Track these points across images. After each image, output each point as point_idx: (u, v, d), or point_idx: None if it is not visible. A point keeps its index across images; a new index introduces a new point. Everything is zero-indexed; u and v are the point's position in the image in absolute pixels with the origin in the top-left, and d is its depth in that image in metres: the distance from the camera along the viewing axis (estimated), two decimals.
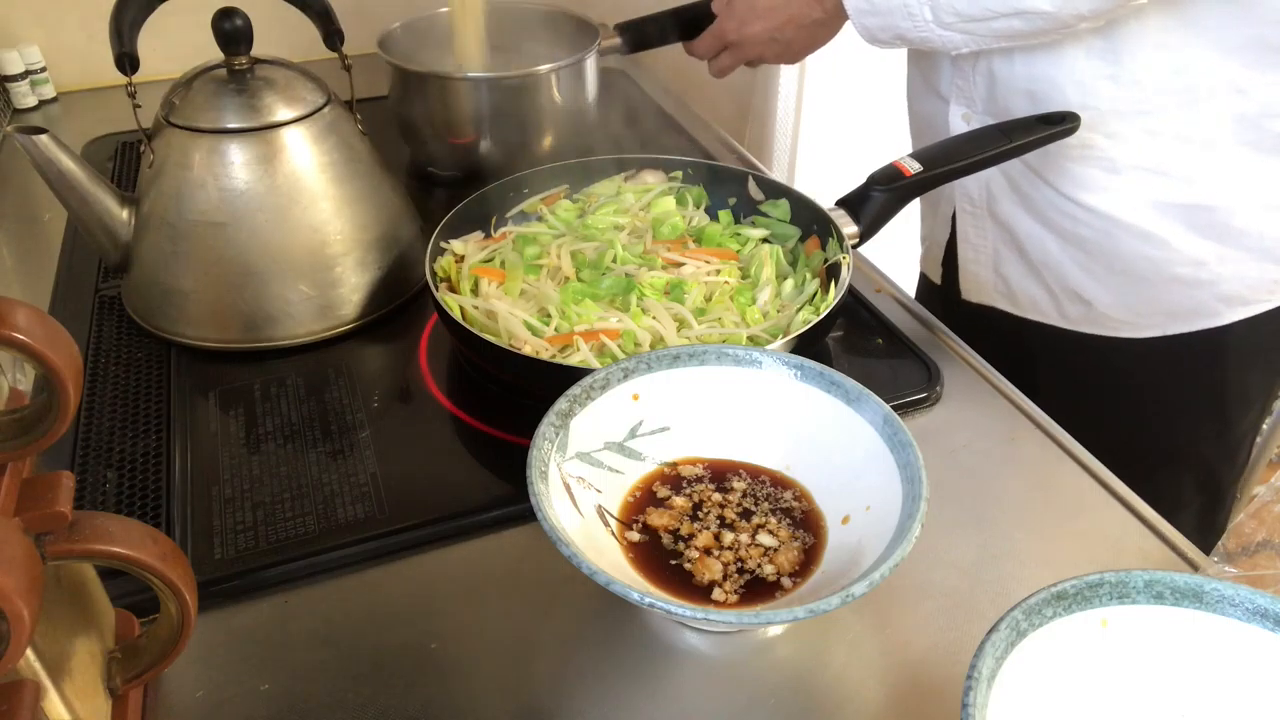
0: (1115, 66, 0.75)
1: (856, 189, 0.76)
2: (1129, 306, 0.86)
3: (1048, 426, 0.70)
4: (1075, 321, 0.89)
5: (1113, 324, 0.87)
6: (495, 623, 0.55)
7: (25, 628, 0.34)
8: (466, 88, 0.96)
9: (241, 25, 0.73)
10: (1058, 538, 0.62)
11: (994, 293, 0.94)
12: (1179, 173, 0.78)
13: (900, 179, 0.74)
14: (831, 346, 0.77)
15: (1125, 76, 0.75)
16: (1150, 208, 0.80)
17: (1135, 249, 0.82)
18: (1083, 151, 0.79)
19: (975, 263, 0.94)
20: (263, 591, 0.57)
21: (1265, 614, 0.43)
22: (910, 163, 0.74)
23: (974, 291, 0.96)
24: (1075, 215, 0.83)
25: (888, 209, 0.75)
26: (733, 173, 0.87)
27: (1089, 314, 0.88)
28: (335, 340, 0.77)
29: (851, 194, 0.77)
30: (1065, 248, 0.85)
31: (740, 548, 0.54)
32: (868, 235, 0.76)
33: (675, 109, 1.21)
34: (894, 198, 0.75)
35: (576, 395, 0.56)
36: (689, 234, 0.81)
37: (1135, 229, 0.81)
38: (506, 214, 0.84)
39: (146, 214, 0.75)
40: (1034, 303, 0.91)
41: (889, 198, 0.75)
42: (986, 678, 0.40)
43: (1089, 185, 0.81)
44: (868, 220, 0.75)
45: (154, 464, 0.65)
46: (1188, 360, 0.87)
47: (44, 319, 0.38)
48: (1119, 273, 0.84)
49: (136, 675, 0.47)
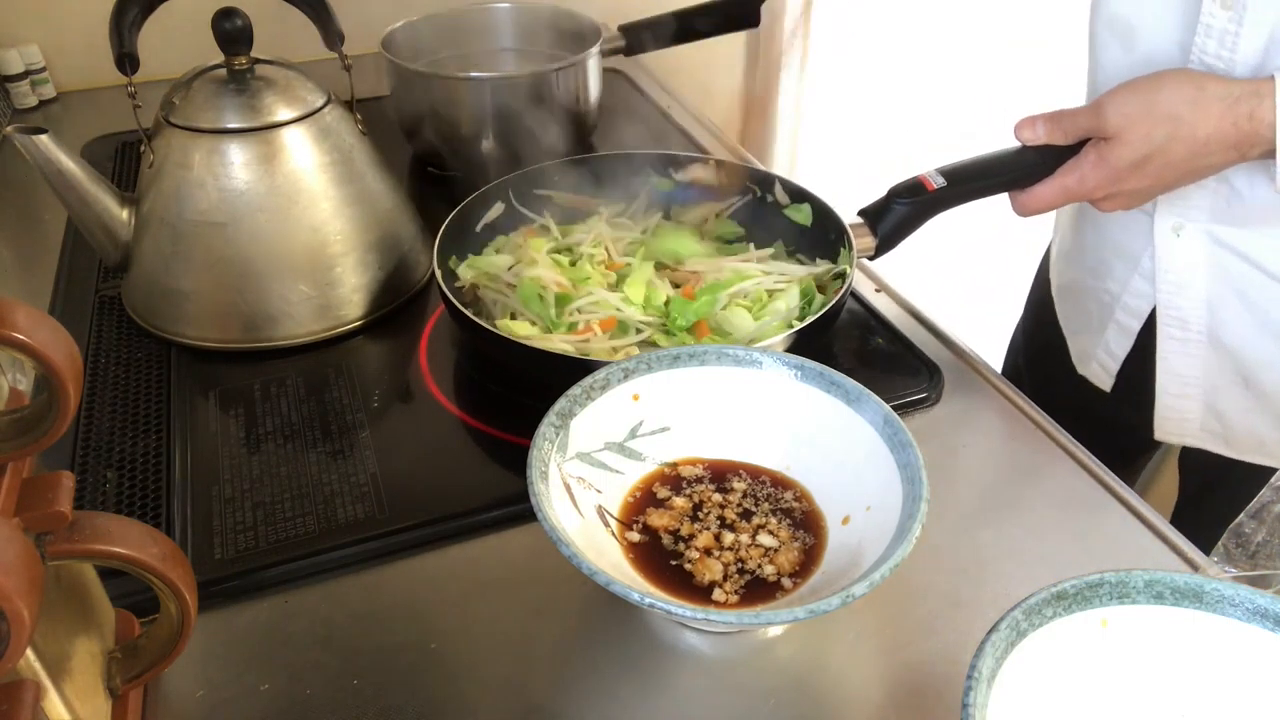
0: None
1: (877, 201, 0.74)
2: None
3: (1048, 426, 0.70)
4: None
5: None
6: (495, 623, 0.55)
7: (25, 628, 0.34)
8: (468, 88, 0.96)
9: (241, 25, 0.73)
10: (1058, 538, 0.61)
11: (1201, 433, 0.80)
12: None
13: (923, 193, 0.71)
14: (831, 346, 0.77)
15: None
16: None
17: None
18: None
19: (1181, 398, 0.79)
20: (263, 591, 0.57)
21: (1265, 614, 0.43)
22: (935, 177, 0.71)
23: (1174, 432, 0.81)
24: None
25: (908, 223, 0.73)
26: (759, 174, 0.85)
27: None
28: (335, 340, 0.77)
29: (872, 205, 0.75)
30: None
31: (740, 548, 0.54)
32: (885, 248, 0.74)
33: (676, 109, 1.21)
34: (915, 211, 0.72)
35: (576, 395, 0.56)
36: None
37: None
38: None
39: (146, 214, 0.75)
40: (1259, 444, 0.78)
41: (910, 211, 0.72)
42: (986, 678, 0.40)
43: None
44: (886, 233, 0.74)
45: (154, 464, 0.65)
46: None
47: (44, 319, 0.38)
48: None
49: (136, 675, 0.47)
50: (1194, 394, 0.78)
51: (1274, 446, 0.77)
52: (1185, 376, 0.78)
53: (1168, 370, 0.79)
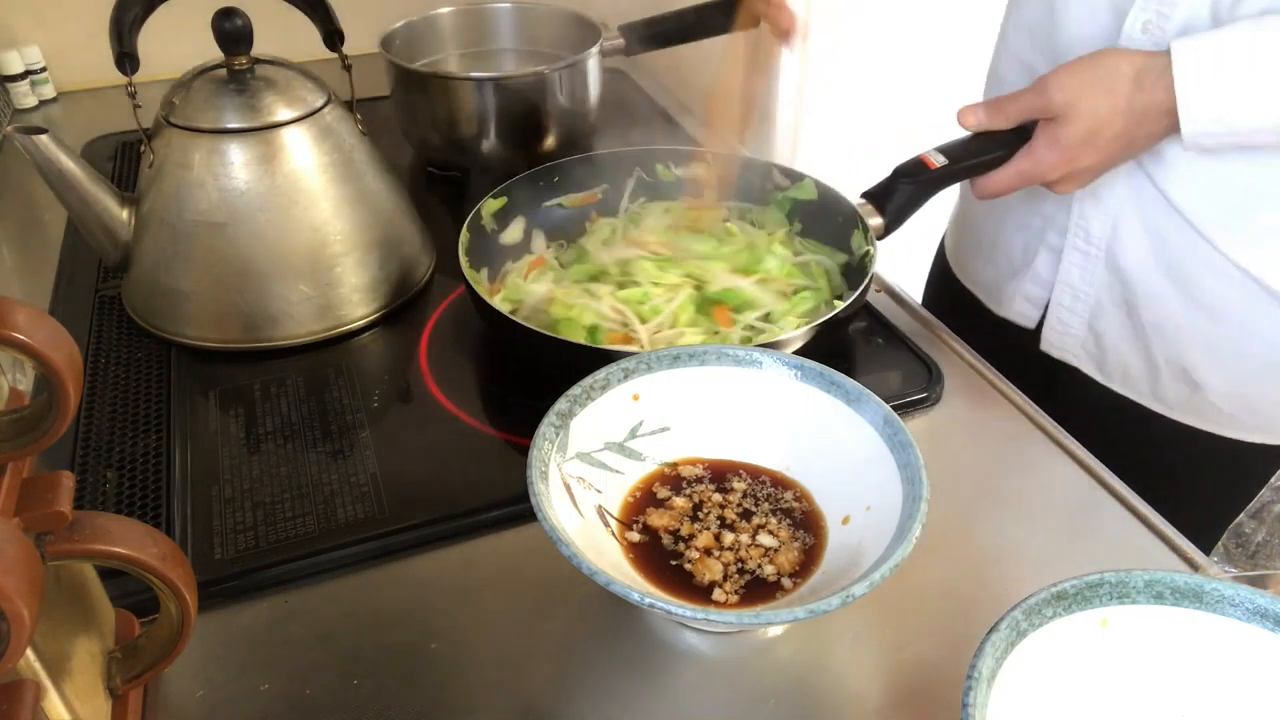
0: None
1: (882, 182, 0.76)
2: (1246, 401, 0.75)
3: (1047, 427, 0.70)
4: (1170, 405, 0.78)
5: (1219, 419, 0.76)
6: (495, 623, 0.55)
7: (25, 628, 0.34)
8: (468, 88, 0.96)
9: (241, 25, 0.73)
10: (1058, 538, 0.62)
11: (1079, 350, 0.83)
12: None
13: (925, 171, 0.73)
14: (831, 346, 0.77)
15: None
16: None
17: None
18: (1260, 198, 0.69)
19: (1069, 310, 0.82)
20: (263, 591, 0.57)
21: (1265, 614, 0.43)
22: (936, 156, 0.73)
23: (1056, 345, 0.84)
24: (1224, 272, 0.71)
25: (913, 201, 0.75)
26: (755, 164, 0.87)
27: (1191, 400, 0.77)
28: (335, 340, 0.77)
29: (877, 187, 0.77)
30: (1193, 312, 0.73)
31: (740, 548, 0.54)
32: (892, 228, 0.76)
33: (676, 109, 1.21)
34: (919, 190, 0.74)
35: (577, 395, 0.56)
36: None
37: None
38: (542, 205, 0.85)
39: (146, 214, 0.75)
40: (1125, 373, 0.80)
41: (914, 190, 0.74)
42: (986, 678, 0.40)
43: (1251, 240, 0.70)
44: (892, 213, 0.75)
45: (154, 464, 0.65)
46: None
47: (44, 319, 0.38)
48: (1253, 357, 0.73)
49: (136, 675, 0.47)
50: (1081, 310, 0.81)
51: (1138, 378, 0.80)
52: (1077, 290, 0.81)
53: (1064, 282, 0.81)
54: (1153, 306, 0.76)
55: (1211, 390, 0.76)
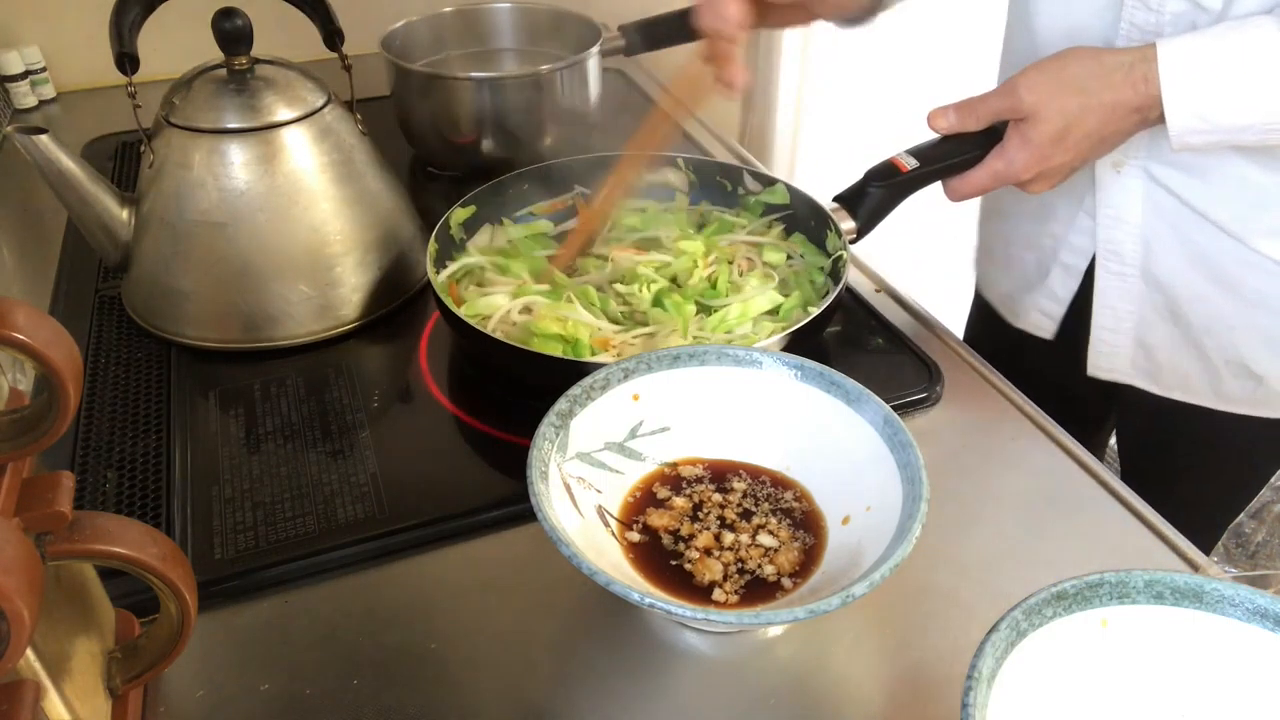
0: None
1: (853, 185, 0.77)
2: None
3: (1047, 427, 0.70)
4: (1233, 401, 0.79)
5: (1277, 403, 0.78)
6: (495, 623, 0.55)
7: (25, 628, 0.34)
8: (468, 88, 0.96)
9: (241, 25, 0.73)
10: (1058, 538, 0.62)
11: (1130, 368, 0.83)
12: None
13: (897, 175, 0.74)
14: (831, 346, 0.77)
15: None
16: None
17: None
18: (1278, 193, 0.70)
19: (1113, 331, 0.81)
20: (263, 591, 0.57)
21: (1265, 614, 0.43)
22: (907, 159, 0.74)
23: (1104, 366, 0.84)
24: (1267, 269, 0.72)
25: (884, 205, 0.75)
26: (728, 168, 0.87)
27: (1256, 393, 0.78)
28: (335, 340, 0.77)
29: (848, 190, 0.77)
30: (1242, 311, 0.74)
31: (740, 548, 0.54)
32: (864, 231, 0.76)
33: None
34: (891, 194, 0.75)
35: (576, 395, 0.56)
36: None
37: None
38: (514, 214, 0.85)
39: (146, 214, 0.75)
40: (1184, 380, 0.80)
41: (886, 194, 0.75)
42: (986, 678, 0.40)
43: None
44: (865, 216, 0.76)
45: (154, 464, 0.65)
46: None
47: (44, 319, 0.38)
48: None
49: (136, 675, 0.47)
50: (1126, 329, 0.81)
51: (1197, 383, 0.80)
52: (1119, 310, 0.81)
53: (1104, 305, 0.81)
54: (1199, 311, 0.76)
55: (1274, 379, 0.77)
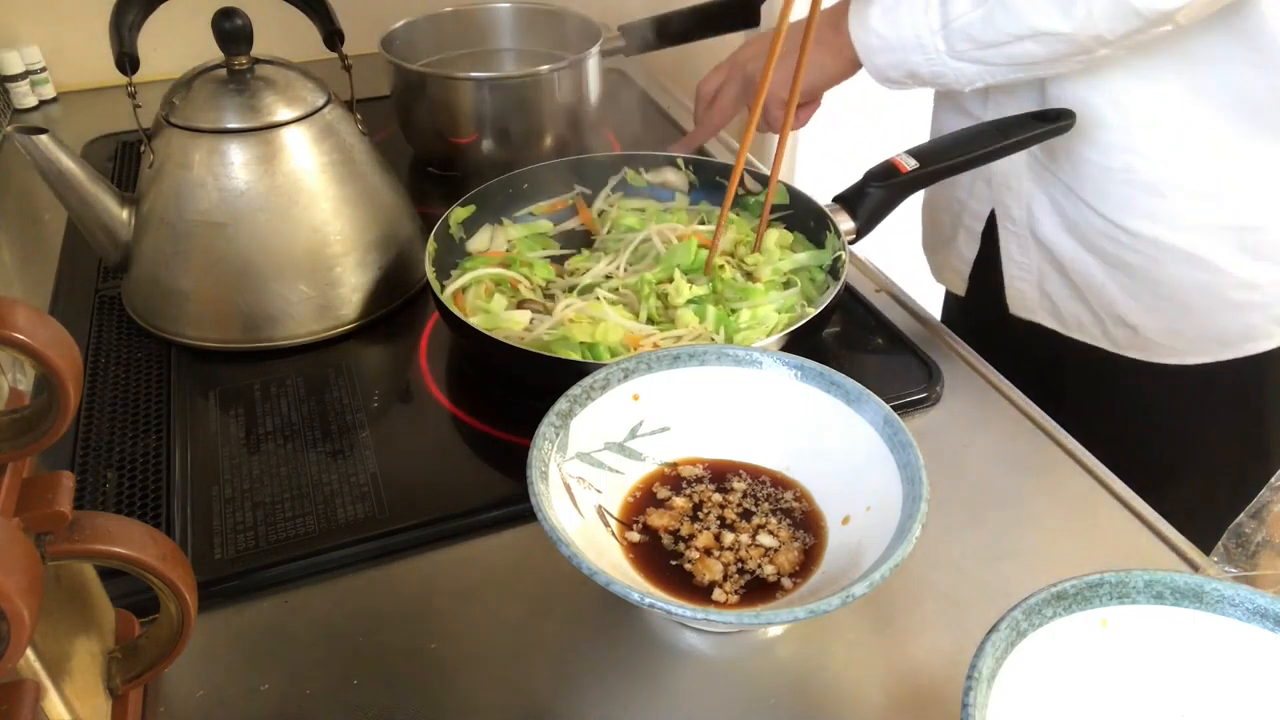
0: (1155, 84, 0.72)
1: (853, 185, 0.77)
2: (1177, 333, 0.83)
3: (1048, 426, 0.70)
4: (1122, 346, 0.87)
5: (1160, 350, 0.85)
6: (495, 623, 0.55)
7: (25, 628, 0.34)
8: (468, 88, 0.96)
9: (241, 25, 0.73)
10: (1058, 538, 0.62)
11: (1040, 310, 0.91)
12: (1229, 194, 0.75)
13: (896, 175, 0.74)
14: (831, 346, 0.77)
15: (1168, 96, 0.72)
16: (1199, 232, 0.77)
17: (1184, 275, 0.79)
18: (1126, 175, 0.77)
19: (1021, 280, 0.91)
20: (263, 591, 0.57)
21: (1265, 614, 0.43)
22: (906, 159, 0.74)
23: (1021, 307, 0.93)
24: (1120, 240, 0.80)
25: (884, 205, 0.76)
26: (728, 168, 0.86)
27: (1135, 339, 0.85)
28: (335, 340, 0.77)
29: (848, 190, 0.77)
30: (1110, 273, 0.83)
31: (740, 548, 0.54)
32: (864, 231, 0.76)
33: (675, 109, 1.21)
34: (890, 194, 0.75)
35: (576, 395, 0.56)
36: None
37: (1184, 254, 0.78)
38: (514, 214, 0.84)
39: (146, 214, 0.75)
40: (1080, 324, 0.88)
41: (885, 194, 0.75)
42: (986, 678, 0.40)
43: (1134, 210, 0.79)
44: (864, 216, 0.76)
45: (154, 464, 0.65)
46: (1232, 386, 0.85)
47: (44, 319, 0.38)
48: (1166, 299, 0.81)
49: (136, 675, 0.47)
50: (1029, 278, 0.91)
51: (1091, 327, 0.88)
52: (1019, 261, 0.90)
53: (1007, 256, 0.91)
54: (1078, 271, 0.85)
55: (1147, 329, 0.84)
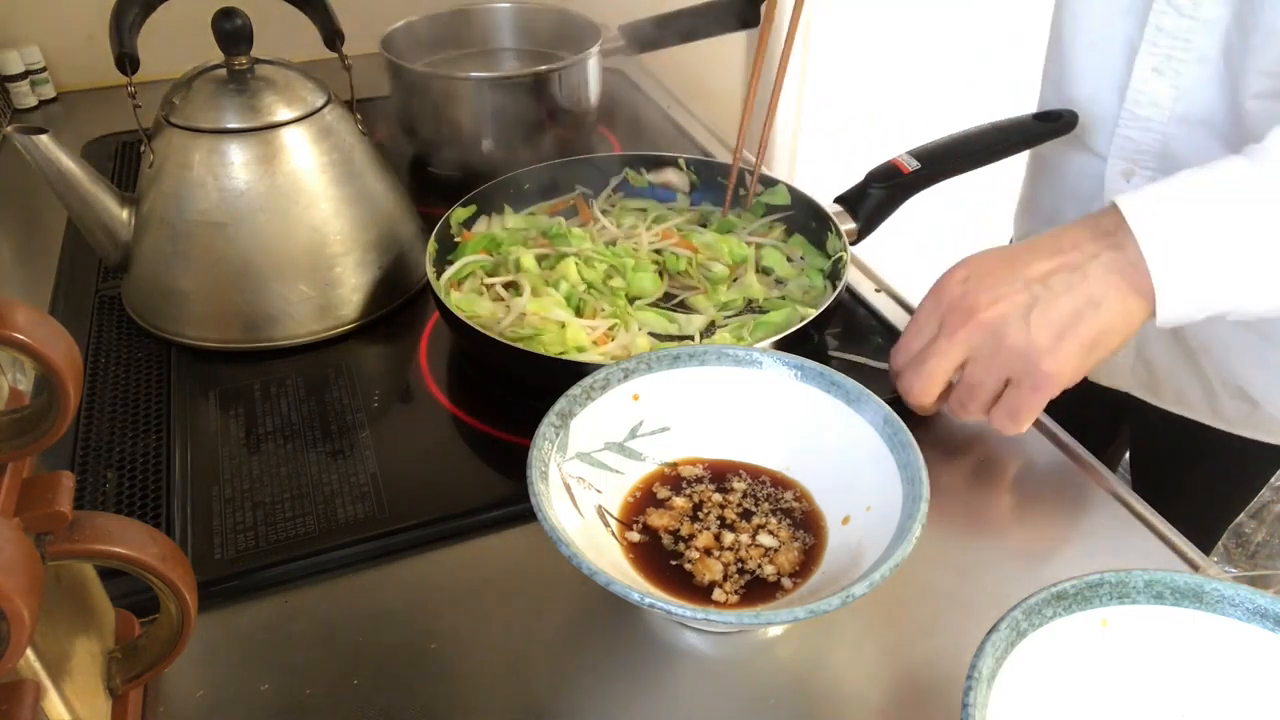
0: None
1: (854, 186, 0.77)
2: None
3: (1048, 426, 0.70)
4: (1229, 421, 0.79)
5: (1277, 430, 0.78)
6: (495, 622, 0.55)
7: (25, 628, 0.34)
8: (468, 88, 0.96)
9: (241, 25, 0.73)
10: (1058, 538, 0.61)
11: (1131, 379, 0.83)
12: None
13: (898, 176, 0.74)
14: (831, 346, 0.77)
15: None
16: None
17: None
18: None
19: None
20: (263, 591, 0.57)
21: (1265, 614, 0.43)
22: (908, 160, 0.74)
23: (1105, 374, 0.85)
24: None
25: (885, 206, 0.76)
26: (728, 169, 0.86)
27: (1251, 416, 0.77)
28: (335, 340, 0.77)
29: (849, 191, 0.77)
30: (1240, 334, 0.74)
31: (740, 548, 0.54)
32: (865, 232, 0.76)
33: (675, 109, 1.21)
34: (892, 195, 0.75)
35: (576, 395, 0.56)
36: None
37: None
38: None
39: (146, 214, 0.75)
40: (1180, 395, 0.80)
41: (887, 195, 0.75)
42: (986, 678, 0.40)
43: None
44: (865, 217, 0.76)
45: (154, 464, 0.65)
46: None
47: (44, 319, 0.38)
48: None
49: (136, 675, 0.47)
50: (1129, 342, 0.76)
51: (1194, 399, 0.80)
52: None
53: None
54: (1199, 332, 0.76)
55: (1269, 403, 0.76)
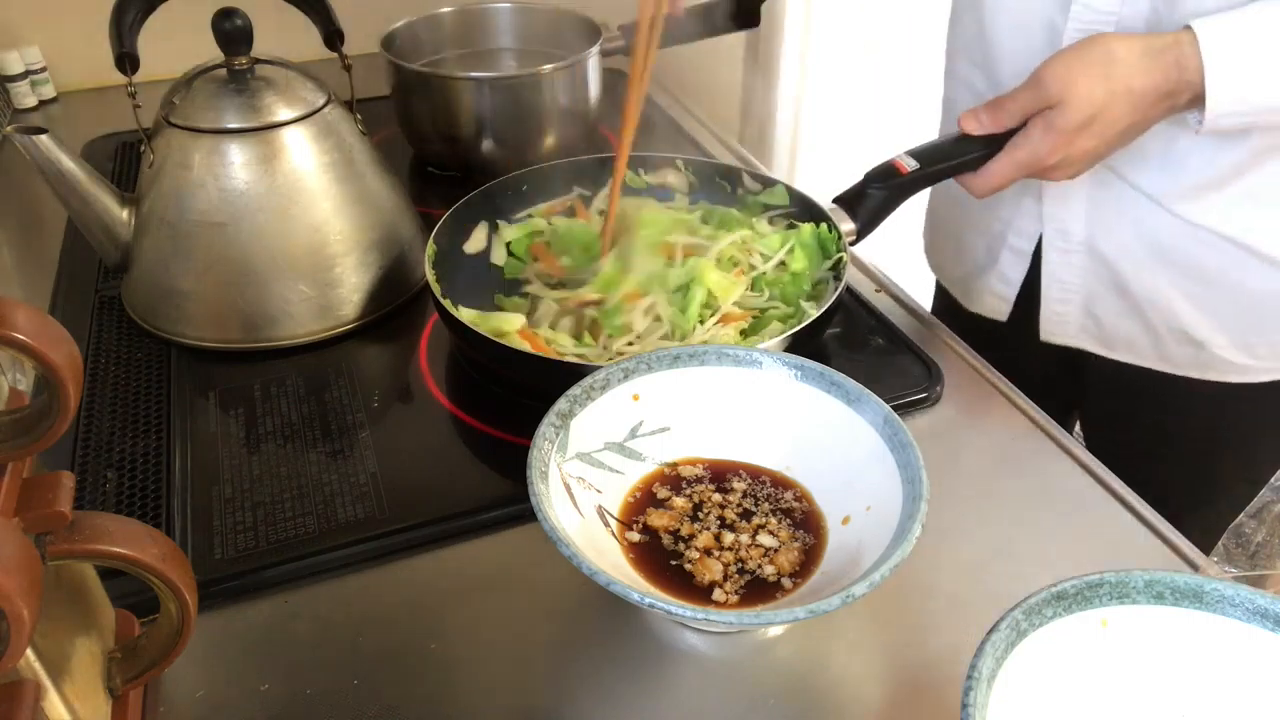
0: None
1: (853, 186, 0.77)
2: (1248, 348, 0.79)
3: (1047, 427, 0.70)
4: (1179, 364, 0.82)
5: (1225, 368, 0.80)
6: (495, 623, 0.55)
7: (25, 628, 0.34)
8: (468, 88, 0.96)
9: (241, 25, 0.73)
10: (1058, 538, 0.62)
11: (1081, 333, 0.86)
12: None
13: (897, 176, 0.74)
14: (831, 346, 0.77)
15: None
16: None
17: (1272, 282, 0.75)
18: (1223, 181, 0.73)
19: (1062, 303, 0.85)
20: (263, 591, 0.57)
21: (1265, 614, 0.43)
22: (907, 160, 0.74)
23: (1056, 333, 0.88)
24: (1208, 243, 0.75)
25: (884, 206, 0.75)
26: (728, 169, 0.87)
27: (1198, 357, 0.80)
28: (335, 340, 0.77)
29: (848, 191, 0.77)
30: (1181, 282, 0.78)
31: (740, 548, 0.54)
32: (865, 232, 0.76)
33: (675, 109, 1.21)
34: (891, 195, 0.75)
35: (576, 395, 0.56)
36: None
37: (1270, 258, 0.74)
38: (512, 217, 0.85)
39: (146, 214, 0.75)
40: (1130, 344, 0.84)
41: (886, 195, 0.75)
42: (986, 678, 0.40)
43: (1228, 215, 0.74)
44: (864, 217, 0.76)
45: (154, 464, 0.65)
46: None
47: (44, 319, 0.38)
48: (1245, 309, 0.77)
49: (136, 675, 0.47)
50: (1075, 301, 0.85)
51: (1142, 346, 0.83)
52: (1067, 284, 0.84)
53: (1052, 280, 0.84)
54: (1143, 284, 0.80)
55: (1214, 345, 0.79)
